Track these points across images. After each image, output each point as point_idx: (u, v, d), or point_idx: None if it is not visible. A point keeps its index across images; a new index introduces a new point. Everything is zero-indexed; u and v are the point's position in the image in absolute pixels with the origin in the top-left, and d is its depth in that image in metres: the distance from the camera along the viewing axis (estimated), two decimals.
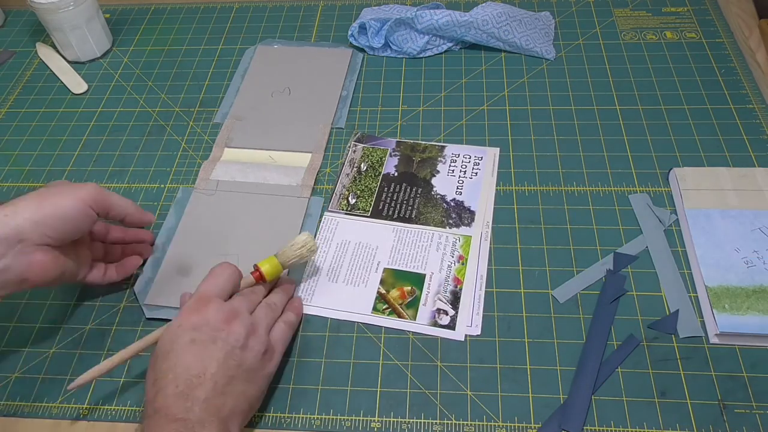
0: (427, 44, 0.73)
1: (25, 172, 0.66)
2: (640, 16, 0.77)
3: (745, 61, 0.70)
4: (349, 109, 0.69)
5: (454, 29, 0.71)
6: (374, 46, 0.74)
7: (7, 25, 0.86)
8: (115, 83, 0.76)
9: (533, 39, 0.73)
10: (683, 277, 0.53)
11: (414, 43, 0.73)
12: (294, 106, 0.70)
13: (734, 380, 0.47)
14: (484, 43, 0.73)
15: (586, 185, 0.60)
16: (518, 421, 0.46)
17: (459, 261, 0.55)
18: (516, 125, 0.66)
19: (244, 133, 0.67)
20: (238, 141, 0.66)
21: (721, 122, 0.64)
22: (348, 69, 0.73)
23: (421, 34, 0.73)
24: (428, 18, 0.71)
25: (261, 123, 0.68)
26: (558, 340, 0.50)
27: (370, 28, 0.73)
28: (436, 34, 0.73)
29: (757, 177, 0.57)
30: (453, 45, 0.74)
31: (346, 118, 0.68)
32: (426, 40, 0.73)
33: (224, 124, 0.68)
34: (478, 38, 0.72)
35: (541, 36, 0.73)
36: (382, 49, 0.75)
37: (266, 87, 0.72)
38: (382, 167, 0.63)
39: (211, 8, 0.85)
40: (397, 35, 0.73)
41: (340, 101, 0.70)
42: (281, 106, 0.70)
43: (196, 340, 0.42)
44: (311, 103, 0.70)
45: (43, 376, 0.51)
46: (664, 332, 0.50)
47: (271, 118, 0.68)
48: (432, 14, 0.71)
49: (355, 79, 0.72)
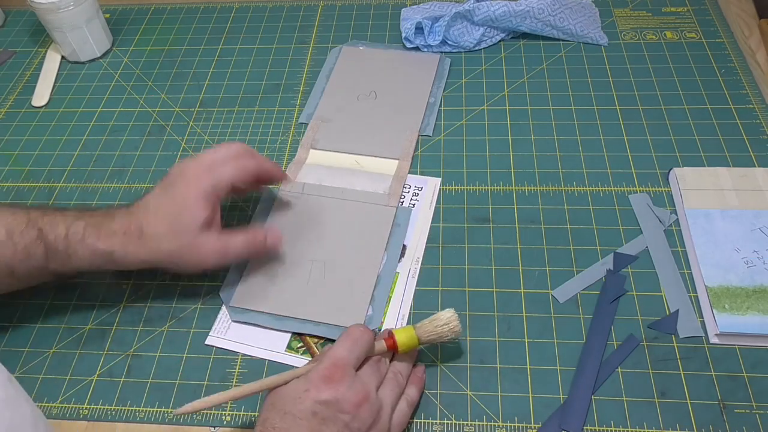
0: (482, 36, 0.74)
1: (25, 172, 0.66)
2: (640, 16, 0.77)
3: (745, 61, 0.70)
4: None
5: (510, 19, 0.72)
6: (431, 44, 0.74)
7: (7, 25, 0.86)
8: (115, 83, 0.76)
9: (586, 25, 0.73)
10: (683, 277, 0.53)
11: (470, 36, 0.73)
12: (380, 110, 0.68)
13: (734, 380, 0.47)
14: (538, 32, 0.73)
15: (586, 185, 0.60)
16: (518, 421, 0.46)
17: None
18: (516, 125, 0.66)
19: (330, 135, 0.66)
20: (324, 143, 0.65)
21: (721, 122, 0.64)
22: (436, 75, 0.71)
23: (476, 26, 0.73)
24: (485, 9, 0.71)
25: (347, 126, 0.67)
26: (558, 340, 0.50)
27: (426, 27, 0.74)
28: (491, 26, 0.73)
29: (757, 177, 0.57)
30: (506, 36, 0.75)
31: (433, 126, 0.66)
32: (481, 32, 0.73)
33: (310, 124, 0.67)
34: (533, 27, 0.73)
35: (591, 22, 0.74)
36: (439, 47, 0.75)
37: (352, 89, 0.70)
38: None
39: (211, 8, 0.85)
40: (453, 30, 0.73)
41: (428, 108, 0.68)
42: (367, 110, 0.68)
43: (318, 414, 0.40)
44: (398, 109, 0.68)
45: (43, 376, 0.51)
46: (664, 332, 0.50)
47: (357, 122, 0.67)
48: (488, 5, 0.71)
49: (443, 86, 0.70)
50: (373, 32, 0.79)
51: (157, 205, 0.49)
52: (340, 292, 0.53)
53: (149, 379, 0.50)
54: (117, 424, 0.48)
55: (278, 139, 0.67)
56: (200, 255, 0.49)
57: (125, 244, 0.47)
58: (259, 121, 0.69)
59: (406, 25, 0.74)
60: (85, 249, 0.47)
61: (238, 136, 0.68)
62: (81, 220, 0.48)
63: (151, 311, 0.54)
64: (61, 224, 0.47)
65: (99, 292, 0.55)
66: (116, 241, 0.47)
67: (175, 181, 0.49)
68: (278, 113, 0.70)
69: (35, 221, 0.47)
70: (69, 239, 0.47)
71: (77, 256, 0.47)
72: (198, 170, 0.49)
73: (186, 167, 0.50)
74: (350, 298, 0.52)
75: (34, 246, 0.47)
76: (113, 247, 0.47)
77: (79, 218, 0.48)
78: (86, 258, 0.47)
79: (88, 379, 0.50)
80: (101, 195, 0.63)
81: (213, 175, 0.49)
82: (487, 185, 0.61)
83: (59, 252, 0.47)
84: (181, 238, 0.48)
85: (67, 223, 0.47)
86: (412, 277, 0.54)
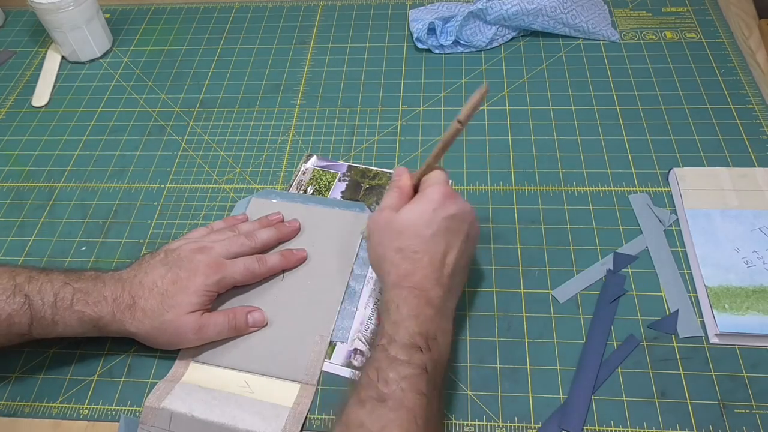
0: (495, 35, 0.74)
1: (25, 172, 0.66)
2: (640, 16, 0.77)
3: (745, 61, 0.70)
4: (348, 109, 0.69)
5: (522, 18, 0.72)
6: (444, 44, 0.74)
7: (7, 25, 0.86)
8: (115, 83, 0.76)
9: (597, 22, 0.74)
10: (683, 277, 0.53)
11: (482, 35, 0.73)
12: (285, 302, 0.52)
13: (734, 380, 0.47)
14: (550, 30, 0.73)
15: (586, 185, 0.60)
16: (518, 421, 0.46)
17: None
18: (516, 125, 0.66)
19: (215, 343, 0.50)
20: (208, 354, 0.49)
21: (721, 122, 0.64)
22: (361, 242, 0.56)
23: (489, 25, 0.73)
24: (498, 8, 0.72)
25: None
26: (558, 340, 0.50)
27: (438, 27, 0.74)
28: (504, 24, 0.73)
29: (757, 177, 0.57)
30: (517, 34, 0.75)
31: (351, 334, 0.50)
32: (494, 31, 0.73)
33: None
34: (545, 25, 0.73)
35: (602, 20, 0.74)
36: (451, 47, 0.75)
37: None
38: (329, 192, 0.61)
39: (211, 8, 0.85)
40: (465, 30, 0.73)
41: (346, 298, 0.52)
42: (270, 302, 0.52)
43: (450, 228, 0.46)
44: (309, 300, 0.52)
45: (43, 376, 0.51)
46: (664, 332, 0.50)
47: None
48: (501, 4, 0.71)
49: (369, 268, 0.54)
50: (373, 32, 0.79)
51: (153, 281, 0.48)
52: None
53: (149, 379, 0.50)
54: (117, 424, 0.48)
55: (278, 139, 0.67)
56: (179, 335, 0.48)
57: (114, 312, 0.47)
58: (259, 121, 0.69)
59: (417, 26, 0.74)
60: (73, 315, 0.46)
61: (238, 136, 0.68)
62: (69, 285, 0.47)
63: None
64: (49, 290, 0.46)
65: None
66: (105, 308, 0.47)
67: (182, 265, 0.49)
68: (278, 113, 0.70)
69: (21, 287, 0.46)
70: (57, 306, 0.46)
71: (64, 322, 0.46)
72: (208, 264, 0.49)
73: (193, 255, 0.49)
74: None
75: (20, 314, 0.45)
76: (101, 313, 0.46)
77: (68, 283, 0.47)
78: (72, 324, 0.46)
79: (88, 379, 0.50)
80: (101, 195, 0.63)
81: (221, 272, 0.49)
82: (487, 185, 0.61)
83: (45, 319, 0.46)
84: (167, 315, 0.47)
85: (55, 289, 0.46)
86: None
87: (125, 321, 0.47)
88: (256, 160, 0.65)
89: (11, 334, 0.46)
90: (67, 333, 0.47)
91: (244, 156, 0.66)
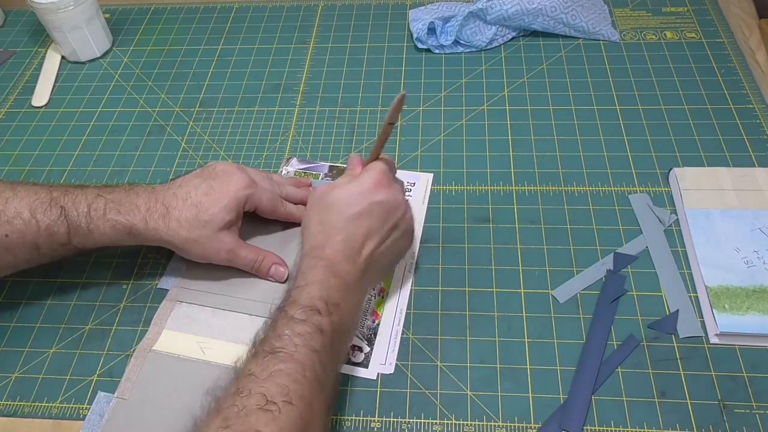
0: (495, 35, 0.74)
1: (25, 172, 0.66)
2: (640, 16, 0.77)
3: (745, 61, 0.70)
4: (348, 108, 0.69)
5: (522, 18, 0.72)
6: (443, 44, 0.74)
7: (7, 25, 0.86)
8: (115, 83, 0.76)
9: (597, 22, 0.74)
10: (683, 277, 0.53)
11: (482, 35, 0.74)
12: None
13: (734, 380, 0.47)
14: (550, 30, 0.73)
15: (586, 185, 0.60)
16: (518, 421, 0.46)
17: (379, 294, 0.53)
18: (516, 125, 0.66)
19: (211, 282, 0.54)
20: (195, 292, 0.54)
21: (721, 122, 0.64)
22: None
23: (489, 25, 0.73)
24: (498, 8, 0.72)
25: None
26: (558, 340, 0.50)
27: (438, 27, 0.74)
28: (504, 24, 0.73)
29: (757, 177, 0.57)
30: (517, 34, 0.75)
31: None
32: (494, 31, 0.73)
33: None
34: (546, 25, 0.73)
35: (602, 19, 0.75)
36: (451, 47, 0.75)
37: None
38: None
39: (211, 8, 0.85)
40: (465, 30, 0.73)
41: None
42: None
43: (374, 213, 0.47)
44: None
45: (43, 376, 0.51)
46: (664, 332, 0.50)
47: None
48: (501, 4, 0.72)
49: None
50: (373, 32, 0.79)
51: (188, 192, 0.50)
52: None
53: None
54: None
55: (278, 139, 0.67)
56: (214, 249, 0.51)
57: (147, 220, 0.49)
58: (259, 121, 0.69)
59: (417, 26, 0.74)
60: (106, 224, 0.49)
61: (238, 136, 0.68)
62: (102, 197, 0.50)
63: (151, 311, 0.54)
64: (82, 201, 0.49)
65: (99, 292, 0.55)
66: (138, 216, 0.49)
67: (217, 177, 0.51)
68: (278, 113, 0.70)
69: (57, 200, 0.49)
70: (91, 215, 0.49)
71: (99, 231, 0.49)
72: (242, 178, 0.51)
73: (231, 170, 0.52)
74: None
75: (57, 224, 0.49)
76: (134, 221, 0.49)
77: (100, 195, 0.50)
78: (107, 233, 0.49)
79: (88, 379, 0.50)
80: None
81: (251, 188, 0.51)
82: (487, 185, 0.61)
83: (81, 228, 0.49)
84: (203, 230, 0.49)
85: (89, 200, 0.50)
86: (408, 272, 0.54)
87: (159, 229, 0.49)
88: (256, 160, 0.65)
89: (54, 244, 0.49)
90: (104, 241, 0.50)
91: (244, 156, 0.66)
